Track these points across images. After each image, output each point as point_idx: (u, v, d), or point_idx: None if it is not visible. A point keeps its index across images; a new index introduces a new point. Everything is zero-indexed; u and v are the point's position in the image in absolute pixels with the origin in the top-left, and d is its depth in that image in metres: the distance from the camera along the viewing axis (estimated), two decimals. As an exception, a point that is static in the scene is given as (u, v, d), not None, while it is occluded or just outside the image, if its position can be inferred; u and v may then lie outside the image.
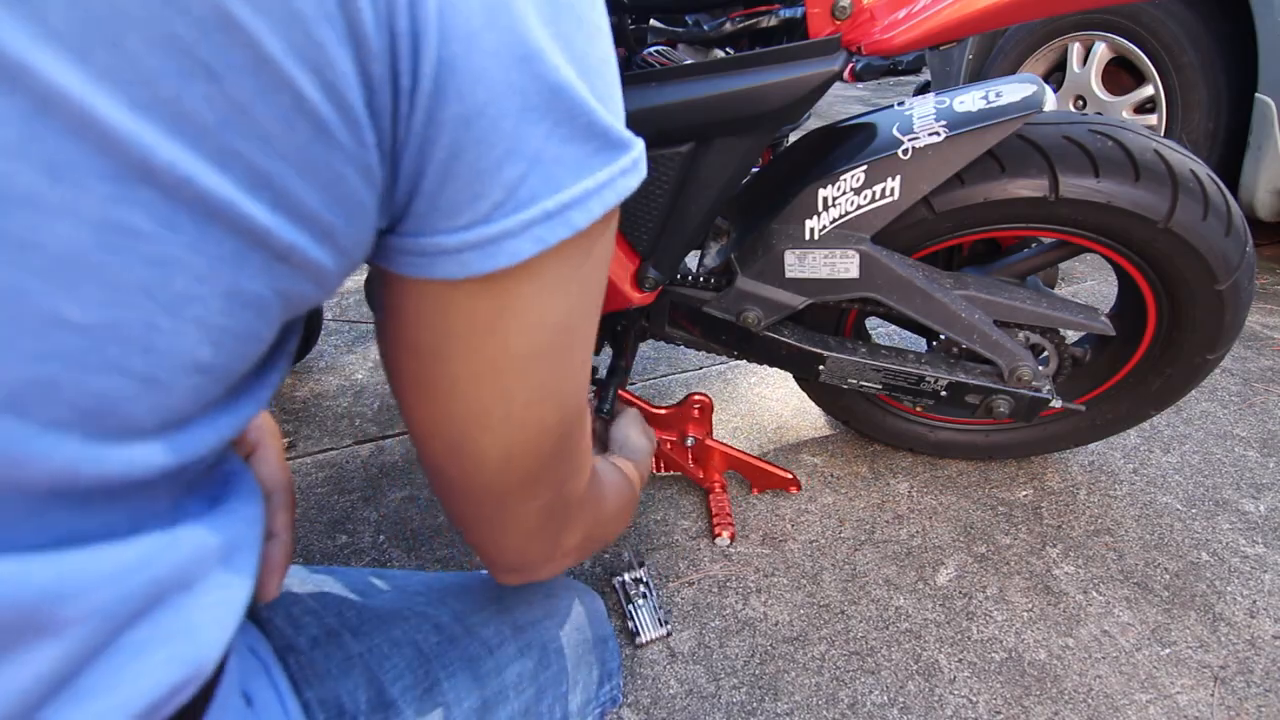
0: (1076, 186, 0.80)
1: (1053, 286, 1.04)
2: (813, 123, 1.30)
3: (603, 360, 0.98)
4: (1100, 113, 1.14)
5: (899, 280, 0.84)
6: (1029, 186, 0.81)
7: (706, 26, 0.87)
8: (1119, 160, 0.79)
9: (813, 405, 1.29)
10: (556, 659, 0.51)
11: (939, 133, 0.77)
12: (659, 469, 1.09)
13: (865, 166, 0.79)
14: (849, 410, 1.14)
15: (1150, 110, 1.83)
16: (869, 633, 0.88)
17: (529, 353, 0.32)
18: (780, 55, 0.68)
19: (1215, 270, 0.83)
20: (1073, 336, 1.04)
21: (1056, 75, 2.04)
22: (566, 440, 0.37)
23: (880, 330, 1.50)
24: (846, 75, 4.44)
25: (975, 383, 0.92)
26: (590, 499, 0.44)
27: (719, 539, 1.00)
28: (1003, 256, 0.98)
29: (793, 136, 1.58)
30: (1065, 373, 0.99)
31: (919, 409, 1.10)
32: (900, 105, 0.86)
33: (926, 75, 3.68)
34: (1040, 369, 0.91)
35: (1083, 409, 0.98)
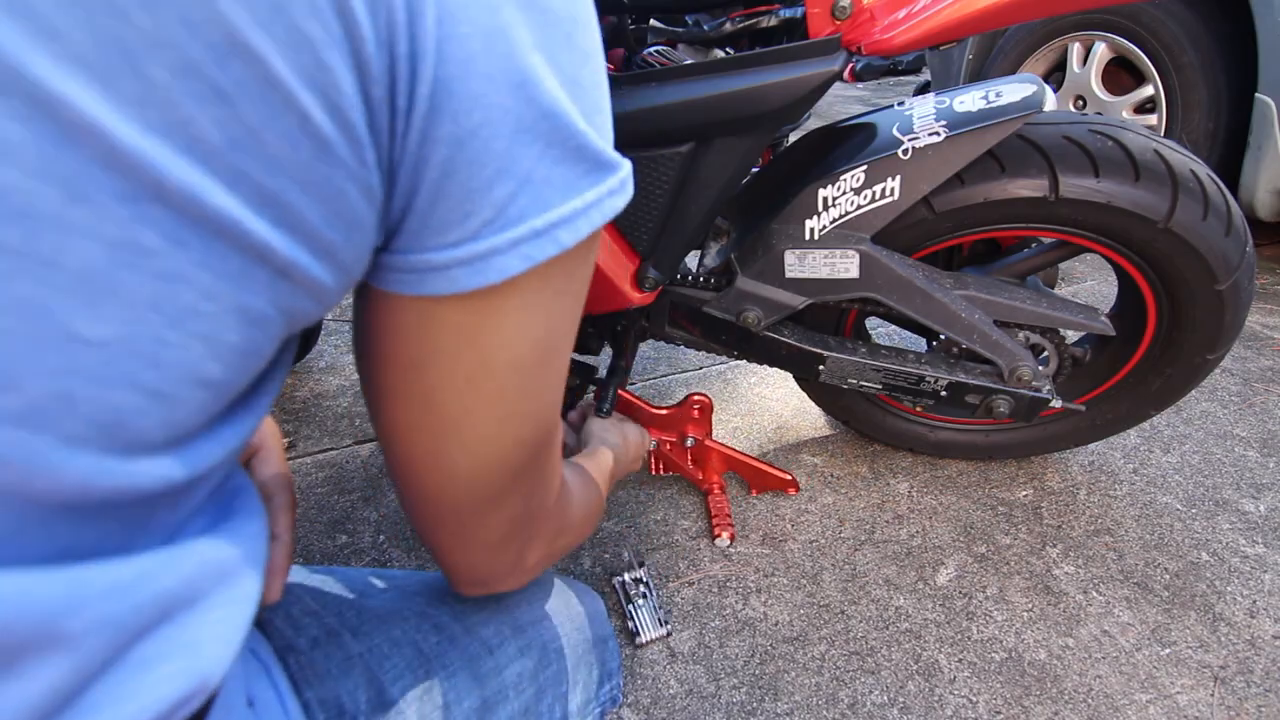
0: (1076, 186, 0.80)
1: (1053, 286, 1.04)
2: (813, 123, 1.30)
3: (603, 360, 0.98)
4: (1100, 113, 1.14)
5: (899, 280, 0.84)
6: (1029, 186, 0.81)
7: (706, 26, 0.87)
8: (1119, 160, 0.79)
9: (813, 405, 1.29)
10: (556, 659, 0.51)
11: (939, 133, 0.77)
12: (658, 470, 1.09)
13: (865, 166, 0.79)
14: (849, 410, 1.14)
15: (1150, 110, 1.83)
16: (869, 633, 0.88)
17: (507, 367, 0.32)
18: (780, 55, 0.68)
19: (1215, 270, 0.83)
20: (1073, 336, 1.04)
21: (1056, 75, 2.04)
22: (538, 455, 0.37)
23: (880, 330, 1.50)
24: (846, 75, 4.44)
25: (975, 383, 0.92)
26: (558, 512, 0.45)
27: (719, 539, 1.00)
28: (1003, 256, 0.98)
29: (793, 136, 1.58)
30: (1065, 373, 0.99)
31: (919, 409, 1.10)
32: (900, 105, 0.86)
33: (926, 75, 3.68)
34: (1040, 369, 0.91)
35: (1083, 409, 0.98)
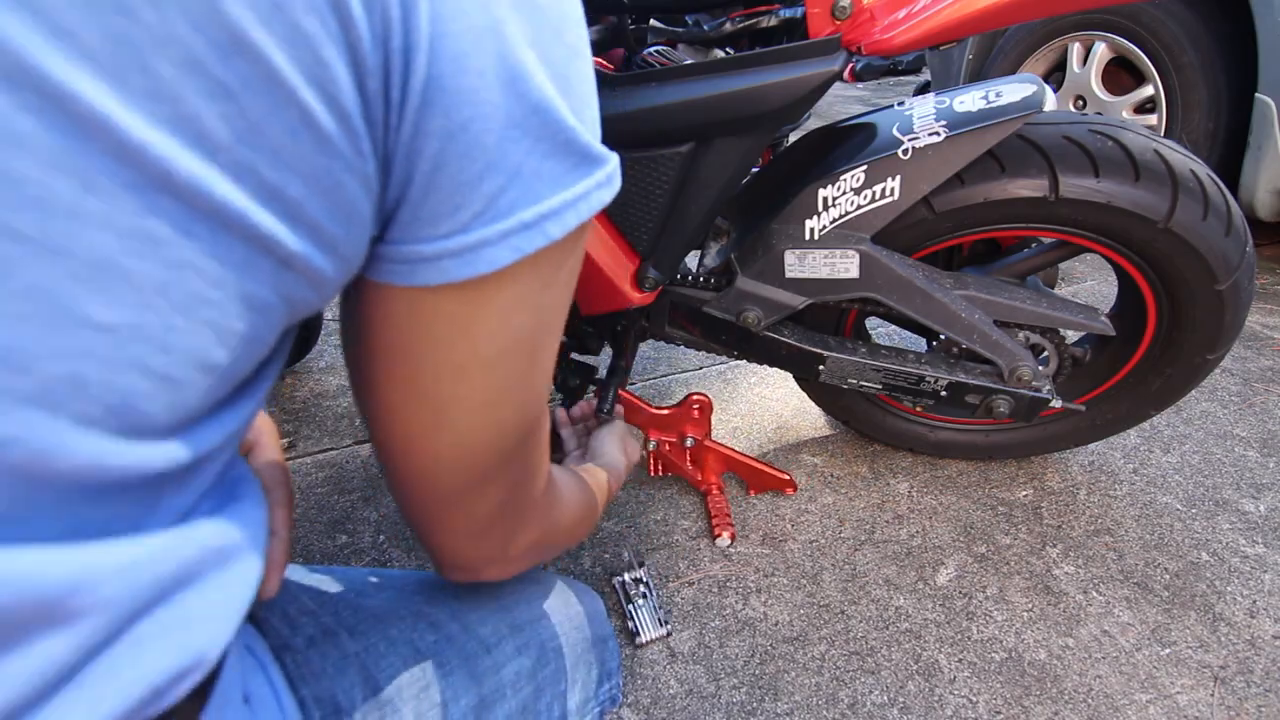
0: (1076, 186, 0.80)
1: (1053, 286, 1.04)
2: (813, 123, 1.30)
3: (603, 360, 0.98)
4: (1100, 113, 1.14)
5: (899, 280, 0.84)
6: (1029, 186, 0.81)
7: (706, 26, 0.87)
8: (1119, 160, 0.79)
9: (813, 405, 1.29)
10: (555, 658, 0.51)
11: (939, 133, 0.77)
12: (657, 471, 1.09)
13: (865, 166, 0.79)
14: (849, 410, 1.13)
15: (1150, 110, 1.83)
16: (869, 633, 0.88)
17: (495, 355, 0.33)
18: (780, 55, 0.68)
19: (1215, 270, 0.83)
20: (1073, 336, 1.04)
21: (1056, 75, 2.04)
22: (523, 443, 0.38)
23: (880, 330, 1.49)
24: (846, 75, 4.44)
25: (975, 383, 0.91)
26: (545, 505, 0.45)
27: (719, 539, 1.00)
28: (1003, 256, 0.98)
29: (793, 136, 1.58)
30: (1065, 373, 0.99)
31: (919, 409, 1.10)
32: (900, 105, 0.86)
33: (926, 75, 3.68)
34: (1040, 369, 0.90)
35: (1083, 409, 0.98)
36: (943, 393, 0.93)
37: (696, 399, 1.03)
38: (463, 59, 0.25)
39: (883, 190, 0.80)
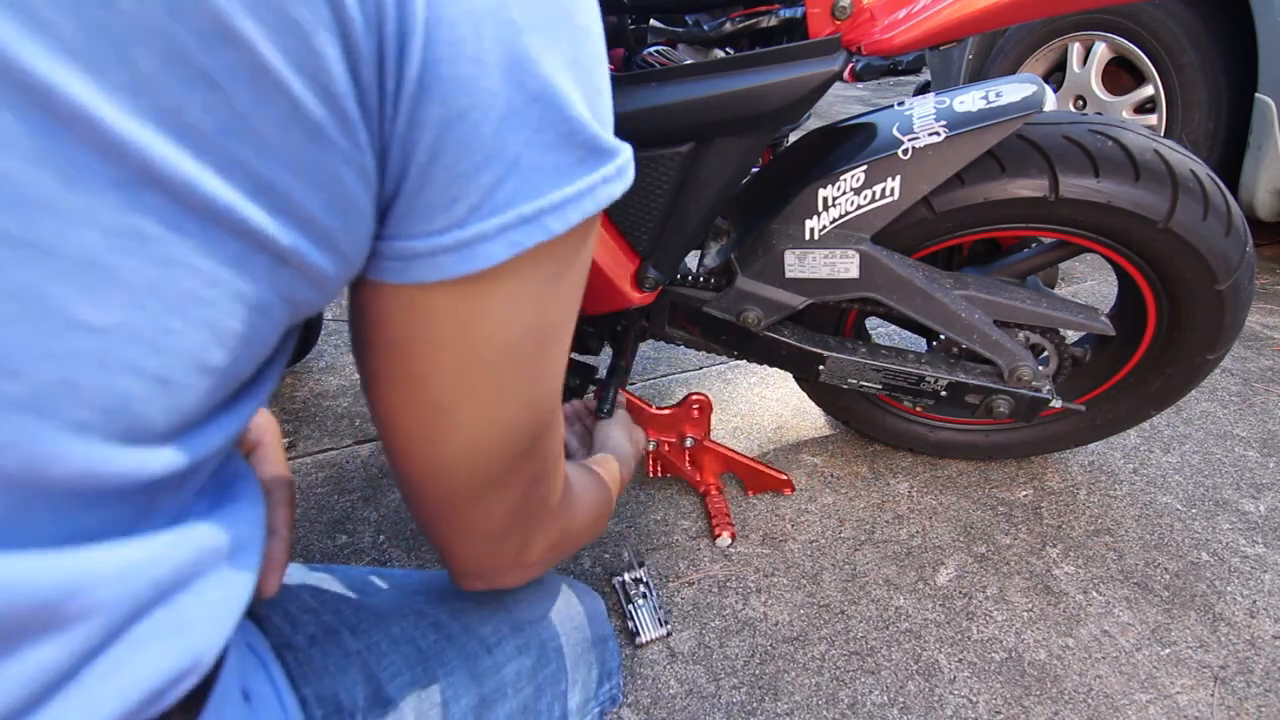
0: (1076, 186, 0.80)
1: (1053, 286, 1.04)
2: (813, 123, 1.30)
3: (603, 360, 0.98)
4: (1100, 113, 1.14)
5: (899, 280, 0.84)
6: (1029, 186, 0.81)
7: (706, 26, 0.87)
8: (1119, 160, 0.79)
9: (813, 405, 1.29)
10: (555, 657, 0.51)
11: (939, 133, 0.77)
12: (656, 473, 1.09)
13: (865, 166, 0.79)
14: (849, 410, 1.14)
15: (1150, 110, 1.83)
16: (869, 633, 0.88)
17: (500, 355, 0.31)
18: (780, 55, 0.68)
19: (1215, 270, 0.83)
20: (1073, 336, 1.04)
21: (1056, 75, 2.04)
22: (536, 444, 0.37)
23: (880, 330, 1.50)
24: (846, 75, 4.44)
25: (975, 383, 0.92)
26: (561, 507, 0.44)
27: (720, 539, 1.00)
28: (1003, 256, 0.98)
29: (793, 136, 1.58)
30: (1065, 373, 0.99)
31: (919, 409, 1.10)
32: (900, 105, 0.86)
33: (926, 75, 3.68)
34: (1040, 369, 0.91)
35: (1083, 409, 0.98)
36: (943, 393, 0.93)
37: (696, 399, 1.03)
38: (460, 44, 0.24)
39: (883, 190, 0.80)
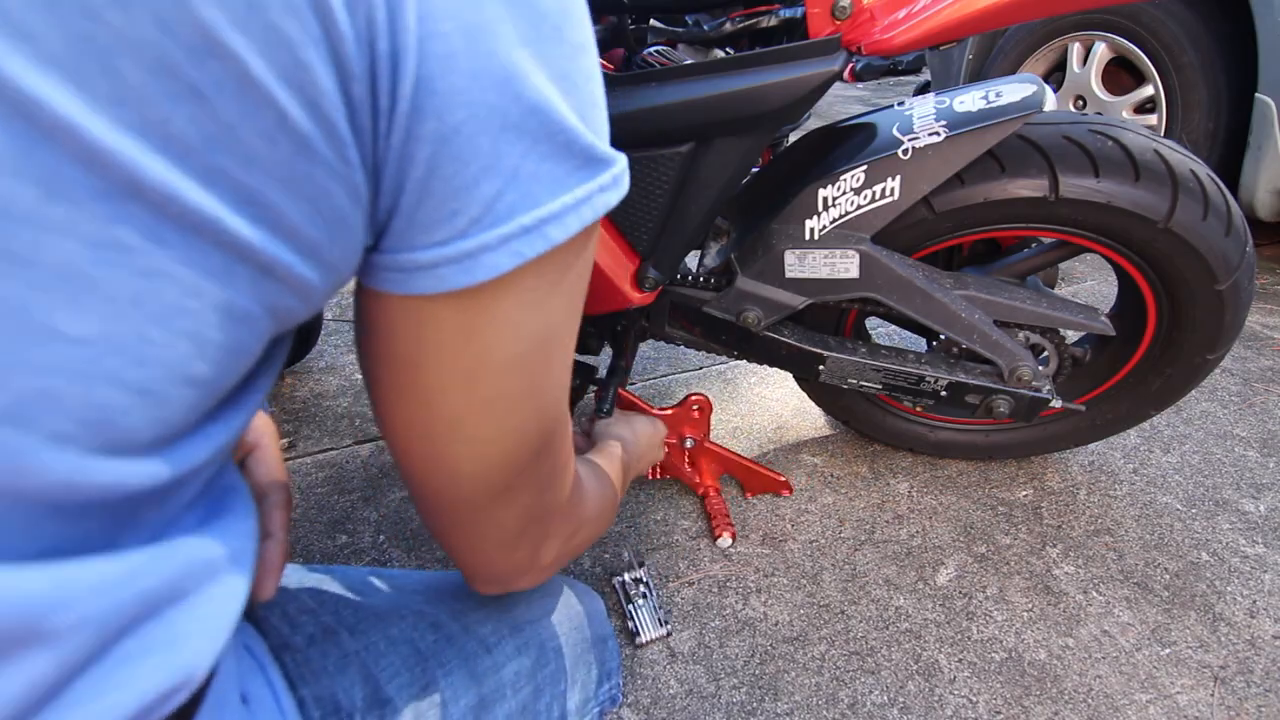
0: (1076, 186, 0.80)
1: (1053, 286, 1.04)
2: (813, 123, 1.30)
3: (603, 360, 0.98)
4: (1100, 113, 1.14)
5: (899, 280, 0.84)
6: (1029, 186, 0.81)
7: (706, 26, 0.87)
8: (1119, 160, 0.79)
9: (813, 405, 1.29)
10: (555, 658, 0.51)
11: (939, 133, 0.77)
12: (656, 474, 1.09)
13: (865, 166, 0.79)
14: (849, 410, 1.13)
15: (1150, 110, 1.83)
16: (869, 633, 0.88)
17: (506, 364, 0.32)
18: (780, 55, 0.68)
19: (1215, 270, 0.83)
20: (1073, 336, 1.04)
21: (1056, 75, 2.04)
22: (545, 451, 0.37)
23: (880, 330, 1.49)
24: (846, 75, 4.44)
25: (975, 383, 0.91)
26: (571, 506, 0.45)
27: (720, 539, 1.00)
28: (1003, 256, 0.98)
29: (793, 136, 1.58)
30: (1065, 373, 0.99)
31: (919, 409, 1.10)
32: (900, 105, 0.86)
33: (926, 75, 3.68)
34: (1040, 369, 0.90)
35: (1083, 409, 0.98)
36: (943, 393, 0.93)
37: (696, 400, 1.03)
38: (452, 60, 0.24)
39: (883, 190, 0.80)
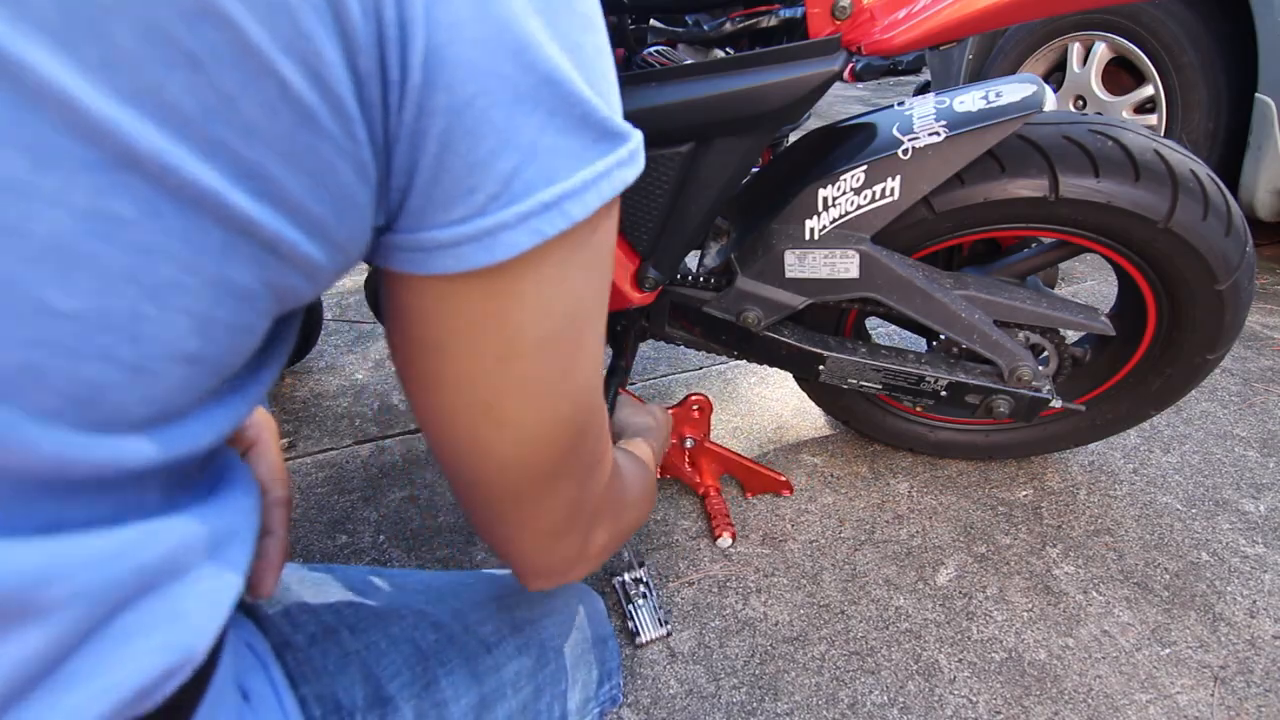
0: (1076, 186, 0.80)
1: (1053, 286, 1.04)
2: (813, 123, 1.30)
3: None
4: (1100, 113, 1.14)
5: (899, 280, 0.84)
6: (1029, 186, 0.81)
7: (706, 26, 0.87)
8: (1119, 160, 0.79)
9: (813, 405, 1.29)
10: (555, 657, 0.51)
11: (939, 133, 0.77)
12: (656, 474, 1.09)
13: (865, 166, 0.79)
14: (849, 410, 1.13)
15: (1150, 110, 1.83)
16: (869, 633, 0.88)
17: (534, 345, 0.31)
18: (780, 55, 0.68)
19: (1215, 270, 0.83)
20: (1073, 336, 1.04)
21: (1056, 75, 2.04)
22: (582, 434, 0.36)
23: (880, 330, 1.50)
24: (846, 75, 4.45)
25: (975, 383, 0.91)
26: (612, 493, 0.43)
27: (720, 539, 1.00)
28: (1003, 256, 0.98)
29: (793, 136, 1.58)
30: (1065, 373, 0.99)
31: (919, 409, 1.10)
32: (900, 105, 0.86)
33: (926, 75, 3.68)
34: (1040, 369, 0.91)
35: (1083, 409, 0.98)
36: (943, 393, 0.93)
37: (696, 400, 1.03)
38: (460, 28, 0.23)
39: (883, 190, 0.80)
